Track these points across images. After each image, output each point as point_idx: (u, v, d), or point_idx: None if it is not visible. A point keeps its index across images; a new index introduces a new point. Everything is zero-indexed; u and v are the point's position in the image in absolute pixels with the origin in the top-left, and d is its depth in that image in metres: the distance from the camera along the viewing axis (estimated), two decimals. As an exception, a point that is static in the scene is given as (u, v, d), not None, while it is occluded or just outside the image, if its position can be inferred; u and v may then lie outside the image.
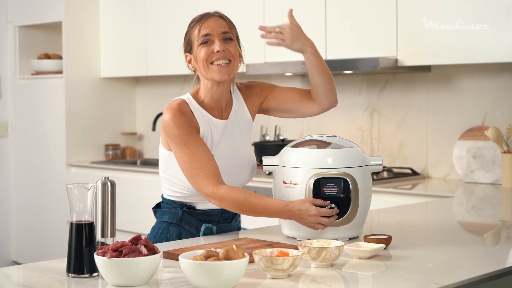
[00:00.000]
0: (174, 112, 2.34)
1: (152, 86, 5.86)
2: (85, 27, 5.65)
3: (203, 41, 2.40)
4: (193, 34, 2.43)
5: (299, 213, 2.21)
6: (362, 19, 4.17)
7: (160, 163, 2.50)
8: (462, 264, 2.04)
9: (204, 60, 2.39)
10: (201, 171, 2.28)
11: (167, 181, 2.46)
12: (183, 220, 2.45)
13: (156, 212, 2.53)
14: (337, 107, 2.63)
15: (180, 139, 2.32)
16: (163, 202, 2.52)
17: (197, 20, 2.44)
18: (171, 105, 2.38)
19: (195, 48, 2.42)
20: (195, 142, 2.32)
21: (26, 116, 5.88)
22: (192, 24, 2.45)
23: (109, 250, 1.76)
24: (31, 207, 5.87)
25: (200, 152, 2.30)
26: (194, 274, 1.71)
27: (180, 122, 2.33)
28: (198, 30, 2.41)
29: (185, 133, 2.32)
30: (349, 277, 1.91)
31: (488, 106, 4.10)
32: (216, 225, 2.48)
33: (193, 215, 2.46)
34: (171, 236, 2.47)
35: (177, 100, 2.41)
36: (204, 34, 2.40)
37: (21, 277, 1.92)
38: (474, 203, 3.47)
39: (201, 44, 2.40)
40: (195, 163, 2.29)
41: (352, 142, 2.38)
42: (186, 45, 2.47)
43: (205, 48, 2.40)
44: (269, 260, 1.81)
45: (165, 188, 2.49)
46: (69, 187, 1.88)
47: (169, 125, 2.34)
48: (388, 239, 2.19)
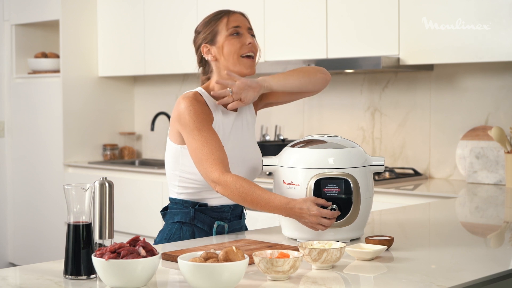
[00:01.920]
0: (190, 100, 2.37)
1: (151, 85, 5.85)
2: (82, 26, 5.64)
3: (233, 32, 2.44)
4: (220, 25, 2.45)
5: (300, 211, 2.20)
6: (364, 17, 4.16)
7: (167, 161, 2.49)
8: (465, 266, 2.03)
9: (235, 52, 2.43)
10: (210, 157, 2.30)
11: (177, 177, 2.45)
12: (196, 218, 2.45)
13: (165, 215, 2.52)
14: (338, 107, 2.62)
15: (194, 125, 2.34)
16: (172, 203, 2.51)
17: (224, 12, 2.47)
18: (186, 95, 2.40)
19: (222, 38, 2.44)
20: (208, 130, 2.35)
21: (23, 116, 5.87)
22: (219, 15, 2.47)
23: (107, 251, 1.75)
24: (28, 208, 5.86)
25: (212, 139, 2.33)
26: (193, 276, 1.69)
27: (196, 109, 2.36)
28: (227, 21, 2.44)
29: (200, 120, 2.35)
30: (350, 279, 1.89)
31: (491, 105, 4.09)
32: (227, 223, 2.49)
33: (205, 212, 2.46)
34: (184, 236, 2.46)
35: (191, 91, 2.44)
36: (235, 26, 2.44)
37: (18, 279, 1.91)
38: (477, 204, 3.46)
39: (230, 35, 2.43)
40: (206, 149, 2.31)
41: (353, 142, 2.37)
42: (207, 36, 2.47)
43: (236, 39, 2.44)
44: (269, 262, 1.80)
45: (174, 186, 2.48)
46: (66, 188, 1.87)
47: (184, 112, 2.36)
48: (390, 240, 2.18)
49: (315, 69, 2.59)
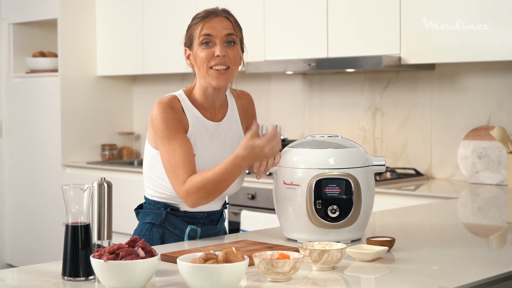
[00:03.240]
0: (163, 107, 2.33)
1: (150, 84, 5.84)
2: (81, 24, 5.63)
3: (203, 40, 2.36)
4: (196, 31, 2.37)
5: (253, 153, 2.21)
6: (365, 16, 4.16)
7: (144, 162, 2.46)
8: (467, 267, 2.02)
9: (203, 62, 2.35)
10: (176, 168, 2.27)
11: (151, 180, 2.43)
12: (167, 221, 2.42)
13: (138, 214, 2.50)
14: (339, 106, 2.61)
15: (164, 134, 2.30)
16: (146, 203, 2.48)
17: (201, 17, 2.38)
18: (161, 100, 2.36)
19: (195, 46, 2.38)
20: (178, 139, 2.29)
21: (21, 116, 5.87)
22: (196, 20, 2.39)
23: (105, 252, 1.74)
24: (25, 209, 5.86)
25: (180, 149, 2.28)
26: (193, 277, 1.69)
27: (168, 117, 2.31)
28: (201, 28, 2.36)
29: (170, 129, 2.30)
30: (351, 280, 1.88)
31: (493, 105, 4.09)
32: (201, 227, 2.45)
33: (177, 216, 2.42)
34: (153, 238, 2.43)
35: (168, 96, 2.39)
36: (206, 34, 2.35)
37: (16, 280, 1.90)
38: (479, 204, 3.46)
39: (202, 44, 2.36)
40: (172, 160, 2.28)
41: (354, 142, 2.36)
42: (187, 40, 2.42)
43: (206, 50, 2.35)
44: (270, 263, 1.79)
45: (148, 187, 2.46)
46: (64, 188, 1.86)
47: (156, 118, 2.32)
48: (391, 241, 2.17)
49: None
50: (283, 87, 4.99)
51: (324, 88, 4.76)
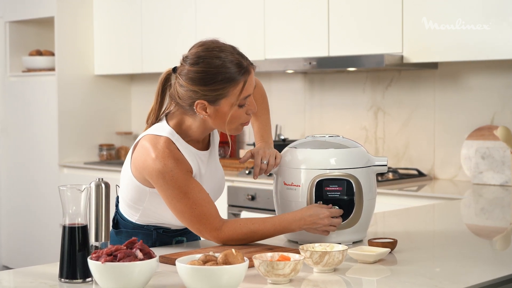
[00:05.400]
0: (164, 162, 2.11)
1: (148, 83, 5.84)
2: (78, 23, 5.64)
3: (243, 103, 2.15)
4: (234, 90, 2.12)
5: (311, 219, 2.17)
6: (366, 14, 4.15)
7: (127, 191, 2.25)
8: (470, 269, 2.02)
9: (238, 121, 2.16)
10: (203, 218, 2.14)
11: (138, 211, 2.27)
12: (158, 240, 2.32)
13: (120, 233, 2.31)
14: (340, 106, 2.60)
15: (179, 190, 2.13)
16: (129, 224, 2.31)
17: (242, 73, 2.13)
18: (156, 147, 2.13)
19: (227, 106, 2.13)
20: (193, 189, 2.14)
21: (17, 115, 5.89)
22: (234, 75, 2.12)
23: (103, 254, 1.73)
24: (22, 210, 5.87)
25: (200, 198, 2.14)
26: (192, 279, 1.68)
27: (174, 173, 2.11)
28: (241, 88, 2.12)
29: (184, 183, 2.12)
30: (352, 282, 1.88)
31: (497, 104, 4.09)
32: (186, 235, 2.38)
33: (168, 233, 2.33)
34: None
35: (161, 141, 2.15)
36: (247, 96, 2.14)
37: (12, 282, 1.90)
38: (483, 205, 3.47)
39: (239, 106, 2.14)
40: (196, 211, 2.14)
41: (355, 142, 2.35)
42: (210, 95, 2.12)
43: (243, 109, 2.16)
44: (270, 265, 1.79)
45: (131, 214, 2.29)
46: (61, 189, 1.86)
47: (164, 177, 2.11)
48: (393, 243, 2.16)
49: (265, 96, 2.57)
50: (283, 86, 4.98)
51: (325, 87, 4.75)
